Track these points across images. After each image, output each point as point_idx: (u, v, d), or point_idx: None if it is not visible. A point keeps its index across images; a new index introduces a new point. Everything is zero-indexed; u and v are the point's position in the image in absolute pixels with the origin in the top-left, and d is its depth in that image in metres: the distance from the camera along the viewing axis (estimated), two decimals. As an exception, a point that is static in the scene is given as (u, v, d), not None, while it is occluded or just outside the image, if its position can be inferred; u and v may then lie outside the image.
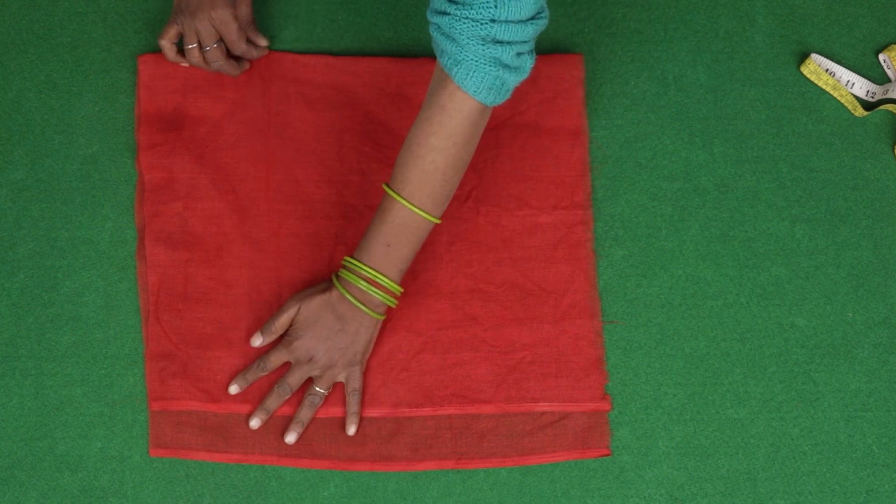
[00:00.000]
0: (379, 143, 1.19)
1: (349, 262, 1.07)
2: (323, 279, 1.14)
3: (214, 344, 1.12)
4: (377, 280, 1.06)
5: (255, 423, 1.09)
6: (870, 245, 1.16)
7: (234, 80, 1.20)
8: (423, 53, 1.22)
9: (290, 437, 1.08)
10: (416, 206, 1.02)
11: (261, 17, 1.23)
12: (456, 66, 0.96)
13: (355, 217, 1.16)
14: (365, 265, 1.06)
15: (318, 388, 1.09)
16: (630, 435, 1.11)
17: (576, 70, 1.21)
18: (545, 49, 1.22)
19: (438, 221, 1.05)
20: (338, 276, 1.08)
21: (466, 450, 1.09)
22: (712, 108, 1.21)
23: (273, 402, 1.09)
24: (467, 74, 0.96)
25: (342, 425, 1.10)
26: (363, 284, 1.06)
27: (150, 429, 1.09)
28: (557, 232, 1.16)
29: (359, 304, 1.06)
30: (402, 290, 1.08)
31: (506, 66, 0.96)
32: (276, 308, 1.13)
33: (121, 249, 1.15)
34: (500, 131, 1.19)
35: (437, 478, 1.10)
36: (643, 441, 1.11)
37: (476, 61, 0.95)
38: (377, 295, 1.06)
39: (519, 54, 0.97)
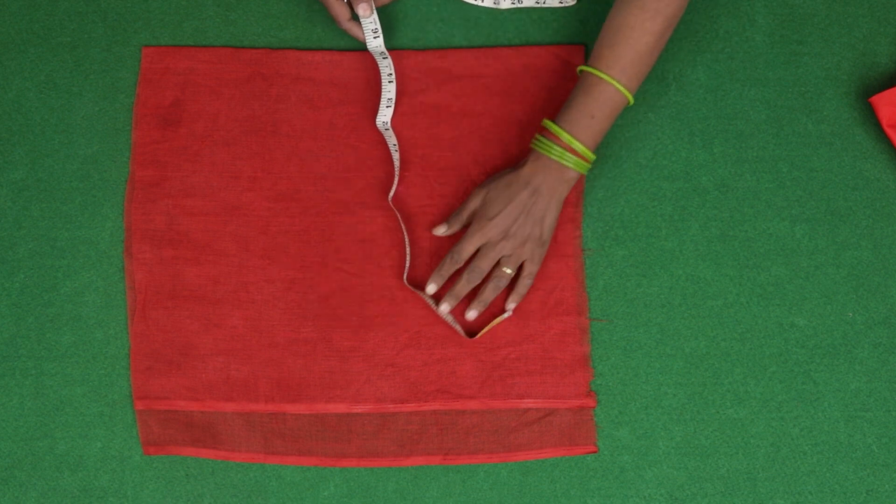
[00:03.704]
0: (374, 140, 1.19)
1: (551, 126, 1.10)
2: (311, 275, 1.14)
3: (200, 342, 1.12)
4: (574, 147, 1.09)
5: (445, 307, 1.11)
6: (870, 245, 1.16)
7: (234, 78, 1.20)
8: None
9: (472, 314, 1.11)
10: (622, 85, 1.09)
11: (261, 16, 1.23)
12: None
13: (346, 214, 1.16)
14: (567, 132, 1.09)
15: (505, 270, 1.11)
16: (630, 435, 1.11)
17: (577, 63, 1.21)
18: (545, 49, 1.23)
19: (633, 102, 1.11)
20: (534, 144, 1.11)
21: (453, 445, 1.10)
22: (712, 108, 1.21)
23: (463, 288, 1.11)
24: None
25: (327, 422, 1.10)
26: (558, 151, 1.09)
27: (138, 427, 1.10)
28: None
29: (561, 159, 1.09)
30: (595, 157, 1.12)
31: None
32: (264, 306, 1.13)
33: (121, 249, 1.15)
34: (499, 128, 1.19)
35: (437, 477, 1.10)
36: (643, 441, 1.11)
37: None
38: (571, 163, 1.10)
39: None
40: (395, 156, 1.17)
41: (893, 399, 1.12)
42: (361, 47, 1.23)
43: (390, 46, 1.22)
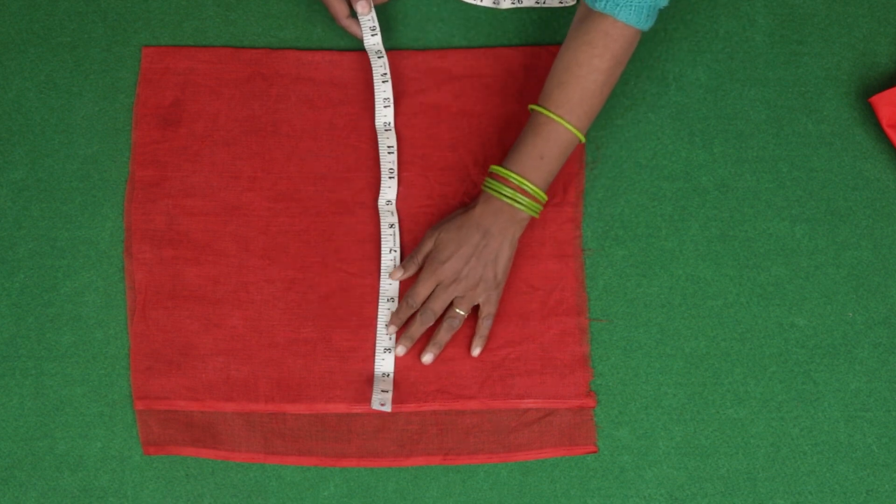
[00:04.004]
0: (374, 139, 1.19)
1: (499, 170, 1.09)
2: (311, 275, 1.14)
3: (200, 342, 1.12)
4: (525, 188, 1.08)
5: (401, 350, 1.11)
6: (870, 245, 1.16)
7: (234, 78, 1.20)
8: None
9: (427, 357, 1.11)
10: (572, 125, 1.08)
11: (261, 16, 1.23)
12: (616, 7, 1.04)
13: (345, 214, 1.17)
14: (516, 174, 1.08)
15: (458, 311, 1.11)
16: (630, 435, 1.11)
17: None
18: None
19: (584, 141, 1.10)
20: (484, 187, 1.11)
21: (453, 445, 1.10)
22: (712, 108, 1.21)
23: (417, 329, 1.11)
24: (630, 12, 1.04)
25: (327, 422, 1.10)
26: (509, 192, 1.09)
27: (138, 427, 1.10)
28: (546, 229, 1.16)
29: (513, 201, 1.08)
30: (547, 199, 1.12)
31: None
32: (264, 306, 1.13)
33: (121, 249, 1.15)
34: (499, 128, 1.19)
35: (436, 477, 1.10)
36: (643, 441, 1.11)
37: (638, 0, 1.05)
38: (524, 204, 1.09)
39: None
40: (391, 158, 1.17)
41: (893, 399, 1.12)
42: (361, 47, 1.23)
43: (390, 46, 1.22)
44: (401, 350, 1.11)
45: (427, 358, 1.11)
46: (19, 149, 1.18)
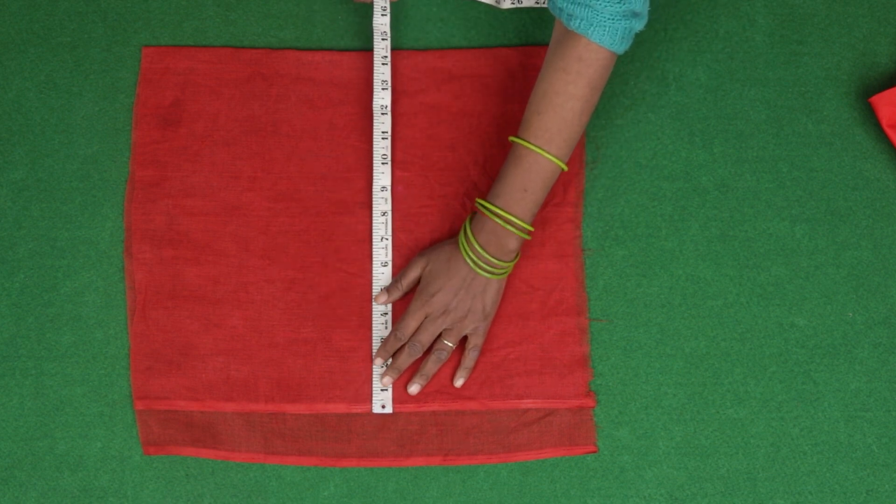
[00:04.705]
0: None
1: (483, 205, 1.09)
2: (311, 275, 1.14)
3: (200, 342, 1.12)
4: (513, 222, 1.08)
5: (387, 380, 1.11)
6: (870, 245, 1.16)
7: (234, 78, 1.20)
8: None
9: (413, 388, 1.11)
10: (552, 154, 1.06)
11: (261, 16, 1.23)
12: (590, 27, 1.02)
13: (345, 214, 1.17)
14: (501, 209, 1.08)
15: (446, 342, 1.11)
16: (630, 435, 1.11)
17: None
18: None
19: (566, 169, 1.09)
20: (470, 222, 1.10)
21: (453, 446, 1.10)
22: (712, 108, 1.21)
23: (405, 361, 1.11)
24: (604, 33, 1.02)
25: (327, 422, 1.10)
26: (481, 263, 1.08)
27: (138, 427, 1.10)
28: (546, 229, 1.16)
29: (482, 267, 1.08)
30: (532, 230, 1.11)
31: (636, 15, 1.03)
32: (264, 306, 1.13)
33: (121, 249, 1.15)
34: (499, 128, 1.19)
35: (436, 477, 1.10)
36: (643, 441, 1.11)
37: (612, 20, 1.02)
38: (499, 268, 1.08)
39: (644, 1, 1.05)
40: (385, 143, 1.16)
41: (893, 399, 1.12)
42: (361, 47, 1.23)
43: (392, 45, 1.22)
44: (387, 381, 1.11)
45: (413, 389, 1.11)
46: (19, 149, 1.18)
